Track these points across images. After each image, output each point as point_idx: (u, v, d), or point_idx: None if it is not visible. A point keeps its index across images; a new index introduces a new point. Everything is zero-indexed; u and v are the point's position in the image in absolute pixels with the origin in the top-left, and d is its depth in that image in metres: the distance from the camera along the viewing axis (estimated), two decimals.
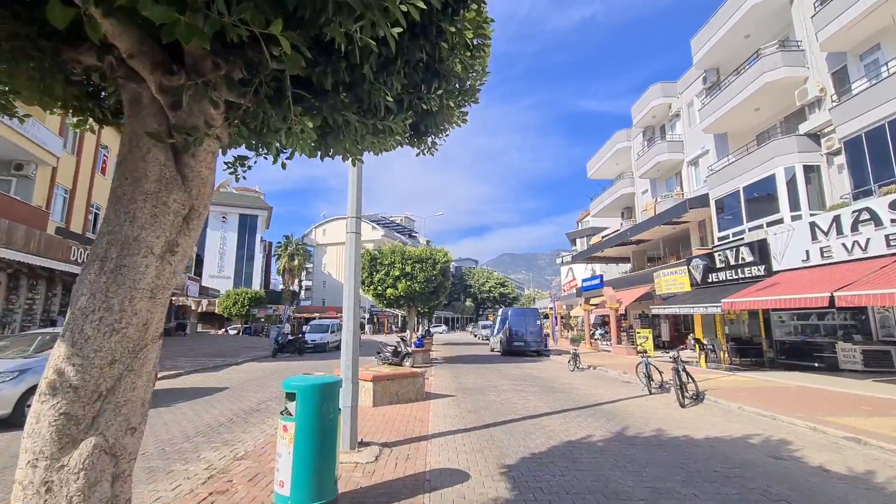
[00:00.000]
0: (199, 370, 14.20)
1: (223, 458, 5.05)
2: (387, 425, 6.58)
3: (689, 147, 21.76)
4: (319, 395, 3.50)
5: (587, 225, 49.01)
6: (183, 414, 7.55)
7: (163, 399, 8.98)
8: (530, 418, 7.21)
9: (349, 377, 5.26)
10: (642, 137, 26.19)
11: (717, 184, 17.51)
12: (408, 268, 15.58)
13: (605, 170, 31.65)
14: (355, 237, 5.59)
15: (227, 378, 12.62)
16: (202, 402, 8.74)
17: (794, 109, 16.44)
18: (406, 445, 5.50)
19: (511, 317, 22.49)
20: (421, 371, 9.14)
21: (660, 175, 24.48)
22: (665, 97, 23.03)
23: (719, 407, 8.40)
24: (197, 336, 34.25)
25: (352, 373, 5.29)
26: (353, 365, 5.33)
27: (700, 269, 17.16)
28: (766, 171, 15.20)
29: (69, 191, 19.58)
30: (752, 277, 14.49)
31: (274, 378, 12.62)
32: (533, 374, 14.12)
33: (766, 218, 15.12)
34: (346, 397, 5.20)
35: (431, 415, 7.37)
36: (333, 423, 3.60)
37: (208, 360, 17.40)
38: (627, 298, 22.51)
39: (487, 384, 11.40)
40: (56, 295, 18.91)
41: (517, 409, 7.99)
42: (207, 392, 9.96)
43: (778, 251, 13.79)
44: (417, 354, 16.56)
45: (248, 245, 55.85)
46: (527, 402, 8.83)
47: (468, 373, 14.15)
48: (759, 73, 15.77)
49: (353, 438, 5.15)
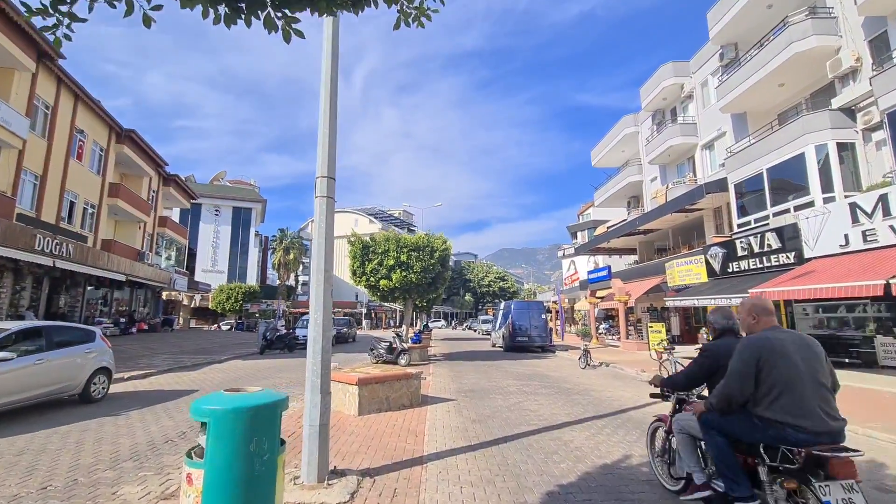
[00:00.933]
0: (174, 369, 12.93)
1: (145, 495, 3.76)
2: (372, 441, 5.31)
3: (703, 129, 20.42)
4: (245, 426, 2.22)
5: (588, 218, 47.73)
6: (129, 426, 6.27)
7: (116, 404, 7.71)
8: (547, 430, 5.95)
9: (317, 386, 3.97)
10: (651, 121, 24.82)
11: (737, 166, 16.19)
12: (403, 256, 14.25)
13: (610, 157, 30.31)
14: (327, 204, 4.28)
15: (202, 379, 11.35)
16: (160, 409, 7.46)
17: (822, 84, 15.13)
18: (394, 473, 4.23)
19: (514, 310, 21.24)
20: (416, 372, 7.87)
21: (670, 161, 23.15)
22: (677, 77, 21.65)
23: None
24: (186, 332, 32.96)
25: (321, 380, 4.00)
26: (323, 370, 4.04)
27: (719, 258, 15.89)
28: (795, 150, 13.89)
29: (39, 177, 18.16)
30: (781, 266, 13.23)
31: (254, 379, 11.35)
32: (541, 372, 12.87)
33: (794, 201, 13.84)
34: (312, 413, 3.92)
35: (428, 426, 6.10)
36: (269, 468, 2.31)
37: (189, 357, 16.12)
38: (637, 291, 21.26)
39: (492, 385, 10.14)
40: (25, 289, 17.58)
41: (530, 418, 6.72)
42: (172, 396, 8.69)
43: (810, 236, 12.51)
44: (414, 351, 15.33)
45: (243, 239, 54.46)
46: (539, 407, 7.57)
47: (469, 371, 12.90)
48: (787, 44, 14.42)
49: (323, 467, 3.87)
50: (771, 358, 2.66)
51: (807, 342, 2.78)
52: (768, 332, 2.81)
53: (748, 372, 2.68)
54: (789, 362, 2.64)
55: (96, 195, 22.44)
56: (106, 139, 23.22)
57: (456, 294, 72.63)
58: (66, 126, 19.78)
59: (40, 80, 17.73)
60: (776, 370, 2.64)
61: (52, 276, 18.04)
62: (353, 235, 15.31)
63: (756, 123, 17.42)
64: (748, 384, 2.69)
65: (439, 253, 14.91)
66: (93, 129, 21.99)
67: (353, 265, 14.92)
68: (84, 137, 21.36)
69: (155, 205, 30.36)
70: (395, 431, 5.79)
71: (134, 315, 26.33)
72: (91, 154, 22.06)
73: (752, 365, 2.68)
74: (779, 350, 2.67)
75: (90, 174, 21.97)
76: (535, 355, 18.67)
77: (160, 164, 29.24)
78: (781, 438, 2.59)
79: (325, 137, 4.37)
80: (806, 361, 2.66)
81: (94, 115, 22.06)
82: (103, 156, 23.10)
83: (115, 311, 24.58)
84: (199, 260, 50.26)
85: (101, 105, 22.17)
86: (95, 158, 22.61)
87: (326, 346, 4.09)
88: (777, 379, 2.63)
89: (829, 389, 2.68)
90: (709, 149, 20.31)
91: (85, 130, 21.29)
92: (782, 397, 2.61)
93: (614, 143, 28.50)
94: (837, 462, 2.46)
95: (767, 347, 2.69)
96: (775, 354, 2.66)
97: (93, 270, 19.00)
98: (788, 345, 2.70)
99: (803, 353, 2.69)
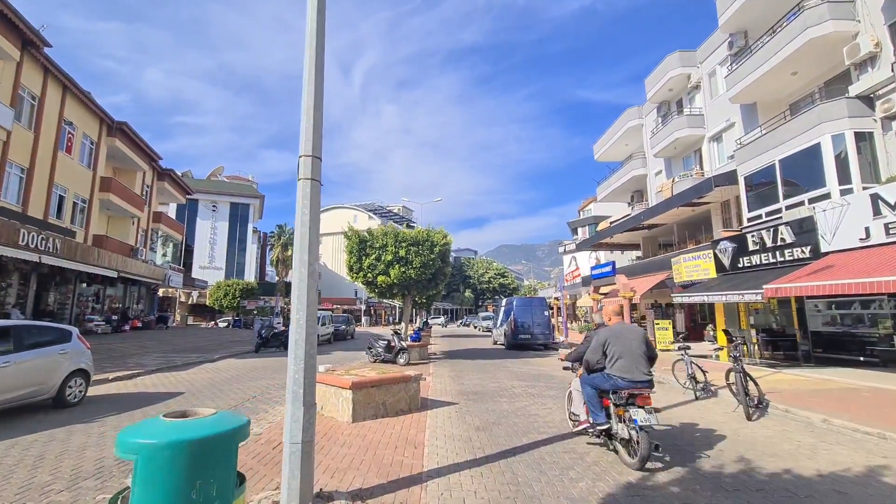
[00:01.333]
0: (163, 369, 12.40)
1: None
2: (366, 455, 4.77)
3: (710, 121, 19.83)
4: (186, 464, 1.68)
5: (589, 214, 47.22)
6: (100, 435, 5.73)
7: (92, 409, 7.17)
8: (560, 440, 5.41)
9: (299, 396, 3.42)
10: (656, 113, 24.22)
11: (748, 158, 15.61)
12: (402, 251, 13.66)
13: (613, 151, 29.71)
14: (311, 187, 3.72)
15: (191, 379, 10.81)
16: (138, 414, 6.92)
17: (837, 72, 14.54)
18: (390, 496, 3.70)
19: (516, 307, 20.72)
20: (416, 374, 7.34)
21: (676, 153, 22.56)
22: (684, 67, 21.03)
23: (794, 419, 6.62)
24: (182, 329, 32.43)
25: (304, 390, 3.44)
26: (307, 378, 3.48)
27: (729, 253, 15.35)
28: (810, 140, 13.32)
29: (26, 170, 17.56)
30: (795, 260, 12.69)
31: (246, 380, 10.82)
32: (547, 371, 12.34)
33: (809, 193, 13.28)
34: (293, 429, 3.37)
35: (428, 435, 5.57)
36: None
37: (181, 356, 15.59)
38: (642, 287, 20.71)
39: (496, 386, 9.61)
40: (11, 286, 17.02)
41: (539, 425, 6.19)
42: (155, 399, 8.15)
43: (827, 230, 11.96)
44: (414, 349, 14.81)
45: (240, 235, 53.77)
46: (549, 412, 7.04)
47: (471, 371, 12.37)
48: (802, 29, 13.81)
49: (306, 492, 3.33)
50: (612, 339, 4.66)
51: (634, 331, 4.80)
52: (615, 325, 4.90)
53: (599, 348, 4.74)
54: (623, 342, 4.62)
55: (87, 189, 21.84)
56: (97, 132, 22.58)
57: (456, 291, 72.10)
58: (54, 118, 19.16)
59: (25, 70, 17.09)
60: (614, 346, 4.62)
61: (39, 272, 17.48)
62: (350, 229, 14.73)
63: (767, 114, 16.84)
64: (599, 354, 4.73)
65: (439, 248, 14.34)
66: (83, 121, 21.35)
67: (349, 260, 14.34)
68: (73, 130, 20.73)
69: (149, 200, 29.75)
70: (392, 442, 5.25)
71: (127, 312, 25.78)
72: (81, 147, 21.43)
73: (602, 343, 4.72)
74: (617, 335, 4.69)
75: (80, 168, 21.36)
76: (538, 353, 18.16)
77: (154, 158, 28.59)
78: (618, 385, 4.51)
79: (310, 110, 3.81)
80: (632, 342, 4.63)
81: (84, 107, 21.43)
82: (94, 149, 22.47)
83: (107, 309, 24.01)
84: (196, 256, 49.68)
85: (91, 97, 21.54)
86: (86, 152, 21.98)
87: (311, 351, 3.54)
88: (615, 351, 4.60)
89: (646, 358, 4.61)
90: (717, 141, 19.72)
91: (74, 122, 20.67)
92: (618, 362, 4.56)
93: (618, 137, 27.89)
94: (641, 396, 4.44)
95: (612, 334, 4.72)
96: (614, 338, 4.66)
97: (82, 266, 18.43)
98: (624, 332, 4.74)
99: (631, 336, 4.69)
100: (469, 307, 78.87)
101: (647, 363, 4.58)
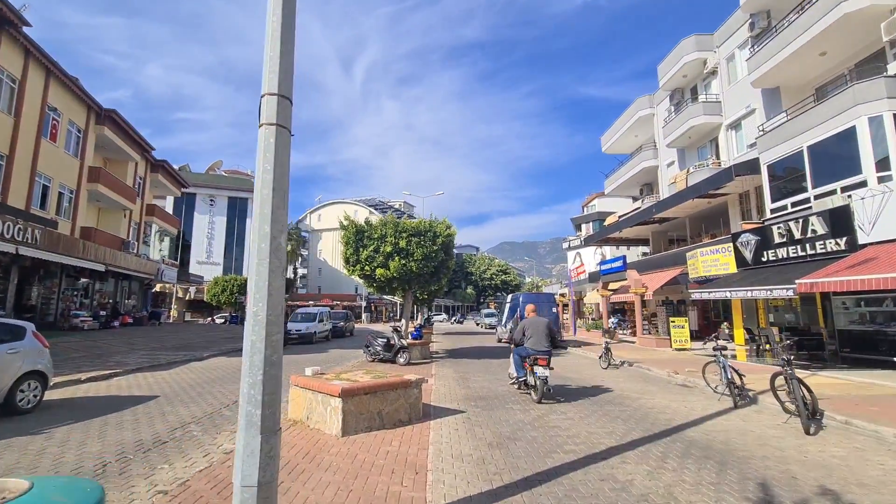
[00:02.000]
0: (144, 368, 11.49)
1: None
2: (355, 482, 3.83)
3: (728, 107, 18.79)
4: None
5: (593, 209, 46.10)
6: (41, 451, 4.80)
7: (46, 417, 6.25)
8: (592, 462, 4.46)
9: (255, 421, 2.46)
10: (669, 102, 23.15)
11: (771, 145, 14.59)
12: (402, 242, 12.67)
13: (622, 143, 28.67)
14: (277, 136, 2.76)
15: (172, 380, 9.88)
16: (97, 424, 5.99)
17: (870, 52, 13.55)
18: None
19: (523, 304, 19.74)
20: (416, 378, 6.38)
21: (691, 143, 21.52)
22: (700, 51, 19.96)
23: (860, 433, 5.66)
24: (177, 325, 31.55)
25: (262, 410, 2.48)
26: (267, 395, 2.52)
27: (751, 246, 14.36)
28: (843, 123, 12.29)
29: (5, 157, 16.62)
30: (828, 253, 11.71)
31: (231, 381, 9.89)
32: (558, 373, 11.34)
33: (842, 181, 12.26)
34: (246, 466, 2.41)
35: (432, 454, 4.62)
36: None
37: (167, 354, 14.71)
38: (654, 283, 19.74)
39: (505, 390, 8.66)
40: None
41: (562, 441, 5.24)
42: (122, 405, 7.22)
43: (865, 220, 10.98)
44: (415, 348, 13.89)
45: (239, 230, 52.77)
46: (571, 424, 6.08)
47: (477, 372, 11.43)
48: (835, 4, 12.78)
49: None
50: (528, 326, 8.00)
51: (542, 321, 8.04)
52: (532, 317, 8.16)
53: (520, 330, 8.11)
54: (534, 327, 7.90)
55: (74, 179, 20.89)
56: (84, 119, 21.61)
57: (457, 287, 71.15)
58: (37, 103, 18.19)
59: (3, 50, 16.13)
60: (529, 330, 7.94)
61: (20, 265, 16.56)
62: (347, 219, 13.75)
63: (790, 99, 15.81)
64: (519, 334, 8.08)
65: (442, 239, 13.35)
66: (68, 107, 20.38)
67: (345, 252, 13.36)
68: (59, 117, 19.77)
69: (142, 192, 28.81)
70: (388, 464, 4.31)
71: (117, 308, 24.89)
72: (67, 135, 20.47)
73: (522, 328, 8.11)
74: (531, 324, 7.99)
75: (66, 156, 20.41)
76: None
77: (146, 149, 27.62)
78: (529, 353, 7.76)
79: (277, 34, 2.84)
80: (539, 327, 7.88)
81: (70, 93, 20.45)
82: (81, 137, 21.51)
83: (96, 304, 23.11)
84: (193, 251, 48.79)
85: (78, 83, 20.57)
86: (72, 140, 21.02)
87: (274, 357, 2.57)
88: (530, 333, 7.90)
89: (548, 338, 7.78)
90: (735, 128, 18.68)
91: (59, 109, 19.70)
92: (531, 339, 7.83)
93: (627, 127, 26.85)
94: (540, 358, 7.58)
95: (528, 323, 8.08)
96: (529, 325, 7.99)
97: (65, 259, 17.52)
98: (535, 321, 8.02)
99: (539, 324, 7.93)
100: (471, 304, 77.95)
101: (547, 340, 7.74)
